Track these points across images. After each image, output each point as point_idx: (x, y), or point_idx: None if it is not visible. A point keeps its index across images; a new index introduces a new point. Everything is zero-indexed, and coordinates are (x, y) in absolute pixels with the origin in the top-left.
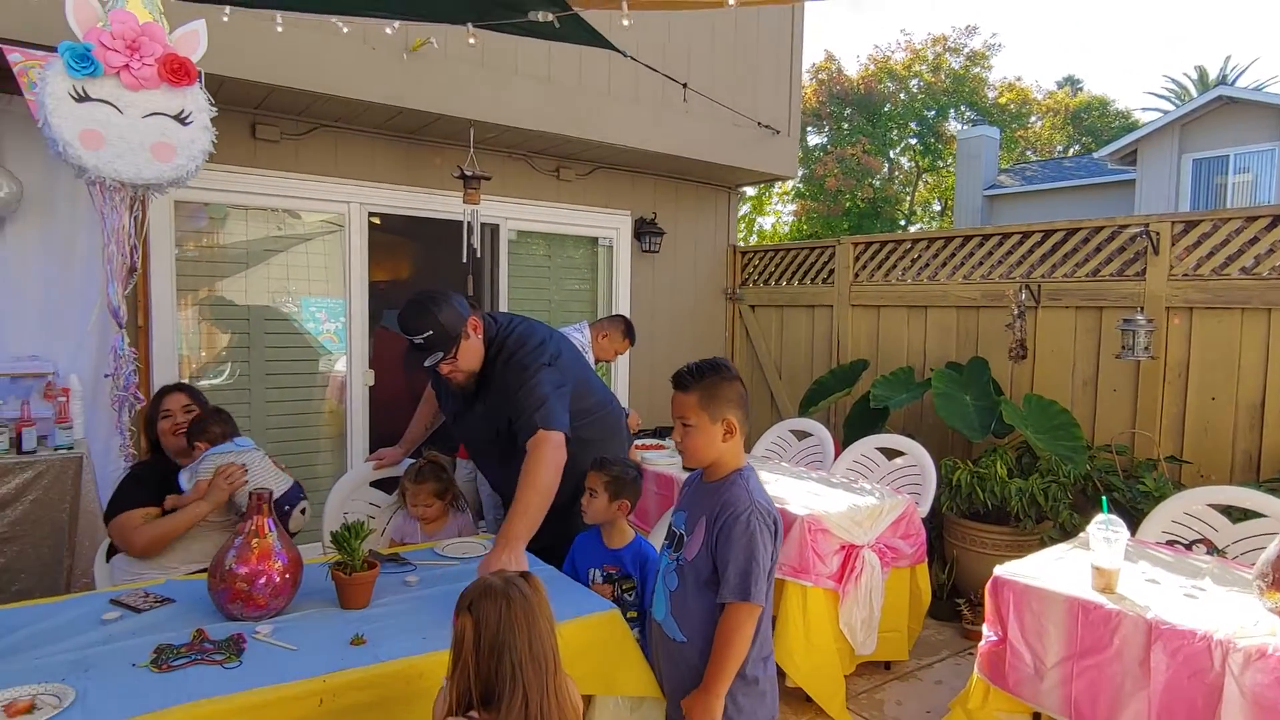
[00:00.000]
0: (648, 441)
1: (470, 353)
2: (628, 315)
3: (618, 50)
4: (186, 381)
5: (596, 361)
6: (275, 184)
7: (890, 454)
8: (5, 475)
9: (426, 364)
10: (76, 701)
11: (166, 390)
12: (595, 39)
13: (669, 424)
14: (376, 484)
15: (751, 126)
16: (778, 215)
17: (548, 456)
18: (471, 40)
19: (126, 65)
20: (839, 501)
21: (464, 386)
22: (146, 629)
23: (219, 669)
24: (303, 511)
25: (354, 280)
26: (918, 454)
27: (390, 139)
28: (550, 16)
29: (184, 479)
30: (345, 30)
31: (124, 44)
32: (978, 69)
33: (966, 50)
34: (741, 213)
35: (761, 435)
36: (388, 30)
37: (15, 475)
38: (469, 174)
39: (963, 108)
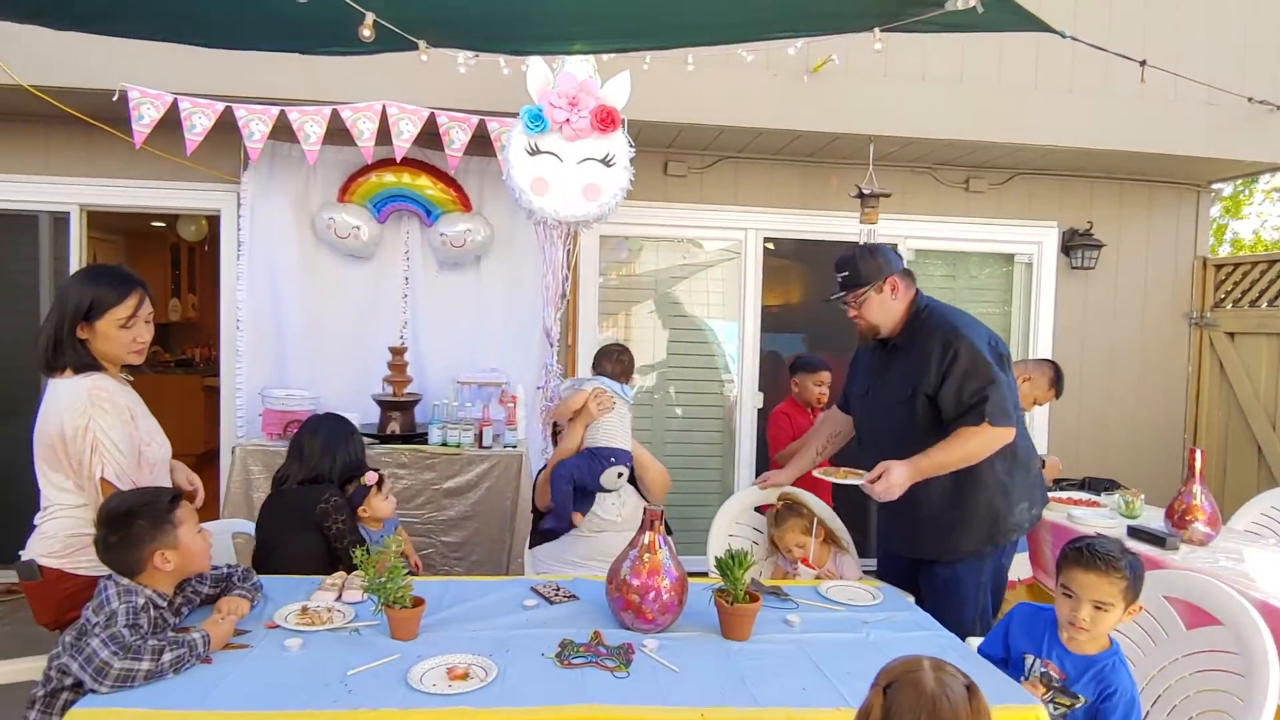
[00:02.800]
0: (1075, 495)
1: (879, 307)
2: (1051, 345)
3: (1053, 31)
4: None
5: None
6: (682, 215)
7: None
8: (470, 464)
9: (830, 297)
10: (497, 678)
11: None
12: (1025, 22)
13: (1100, 476)
14: (762, 508)
15: (1236, 105)
16: (1261, 218)
17: (983, 443)
18: (878, 46)
19: (567, 120)
20: None
21: (864, 336)
22: (555, 621)
23: (610, 676)
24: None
25: (747, 304)
26: None
27: (786, 163)
28: (972, 2)
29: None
30: (750, 59)
31: (566, 101)
32: None
33: None
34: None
35: (1244, 505)
36: (790, 50)
37: (477, 465)
38: (867, 192)
39: None
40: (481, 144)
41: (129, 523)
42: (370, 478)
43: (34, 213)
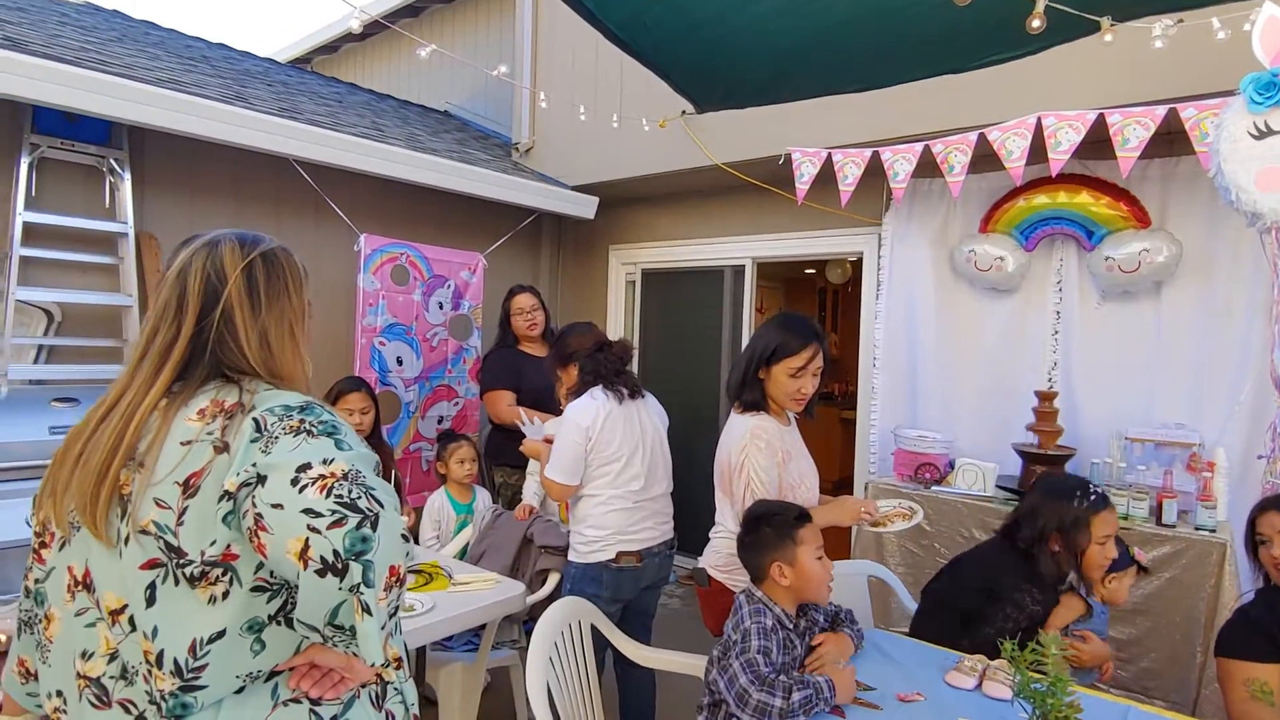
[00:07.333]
0: None
1: None
2: None
3: None
4: None
5: None
6: None
7: None
8: (1144, 544)
9: None
10: None
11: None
12: None
13: None
14: None
15: None
16: None
17: None
18: None
19: None
20: None
21: None
22: None
23: None
24: None
25: None
26: None
27: None
28: None
29: None
30: None
31: None
32: None
33: None
34: None
35: None
36: None
37: (1155, 547)
38: None
39: None
40: (1164, 143)
41: (758, 527)
42: (1141, 556)
43: (720, 268)
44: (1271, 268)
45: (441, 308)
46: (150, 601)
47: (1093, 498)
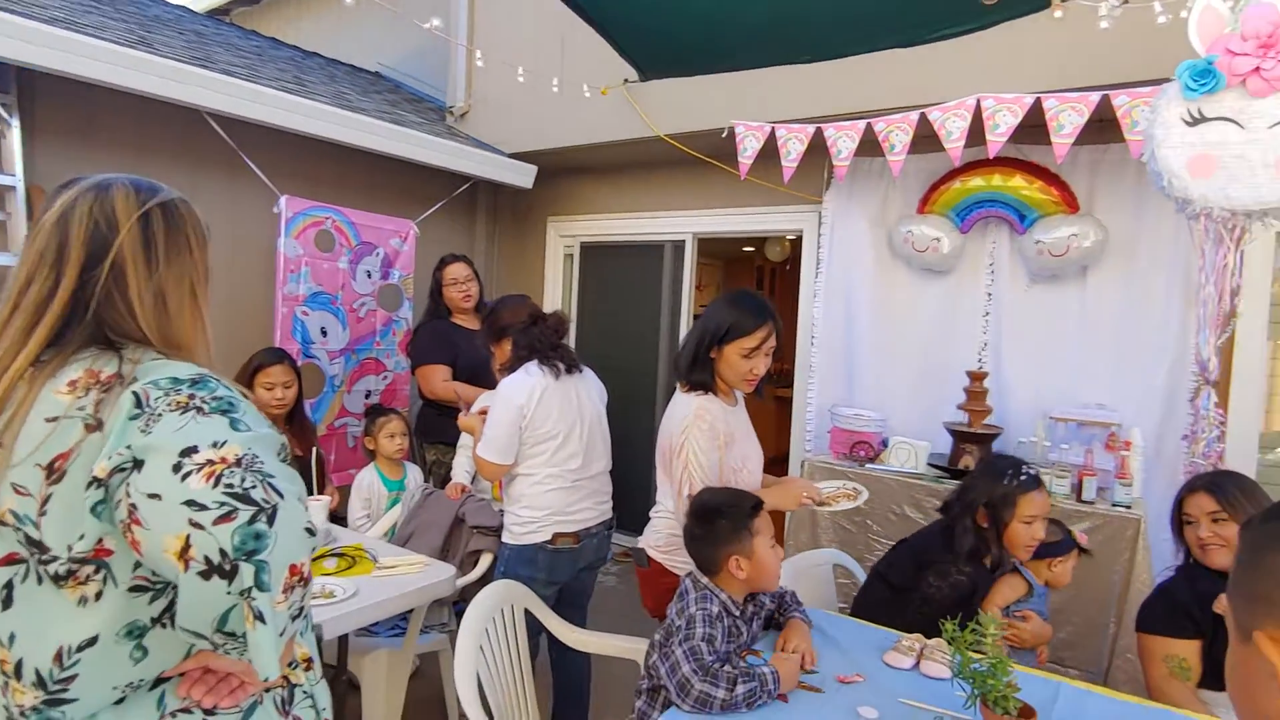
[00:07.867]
0: None
1: None
2: None
3: None
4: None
5: None
6: None
7: None
8: (1065, 520)
9: None
10: None
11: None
12: None
13: None
14: None
15: None
16: None
17: None
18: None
19: (1256, 68)
20: None
21: None
22: None
23: None
24: None
25: None
26: None
27: None
28: None
29: None
30: None
31: (1255, 44)
32: None
33: None
34: None
35: None
36: None
37: (1074, 523)
38: None
39: None
40: (1095, 130)
41: (712, 520)
42: (1082, 538)
43: (660, 243)
44: (1199, 254)
45: (370, 276)
46: (7, 603)
47: (1023, 478)
